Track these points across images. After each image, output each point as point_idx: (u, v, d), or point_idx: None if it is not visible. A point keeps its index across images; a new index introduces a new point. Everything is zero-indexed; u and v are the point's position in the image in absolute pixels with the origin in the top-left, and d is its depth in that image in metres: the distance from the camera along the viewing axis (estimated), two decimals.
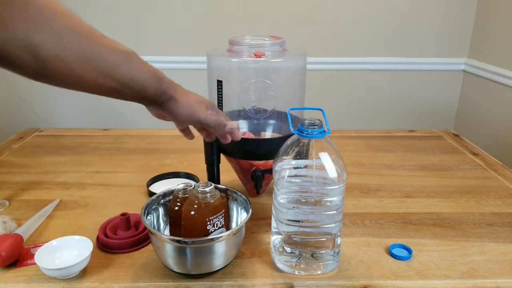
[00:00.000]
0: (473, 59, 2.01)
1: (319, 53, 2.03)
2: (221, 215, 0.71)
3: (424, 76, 2.09)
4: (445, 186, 1.06)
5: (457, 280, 0.72)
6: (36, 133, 1.40)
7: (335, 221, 0.71)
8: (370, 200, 0.99)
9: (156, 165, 1.16)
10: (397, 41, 2.03)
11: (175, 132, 1.43)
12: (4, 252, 0.71)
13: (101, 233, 0.80)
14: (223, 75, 0.85)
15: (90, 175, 1.10)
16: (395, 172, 1.14)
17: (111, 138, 1.37)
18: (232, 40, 0.88)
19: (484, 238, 0.84)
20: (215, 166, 0.91)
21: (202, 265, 0.68)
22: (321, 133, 0.68)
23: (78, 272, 0.71)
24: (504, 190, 1.04)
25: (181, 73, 2.05)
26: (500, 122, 1.80)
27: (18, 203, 0.95)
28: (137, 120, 2.13)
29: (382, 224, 0.89)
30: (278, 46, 0.88)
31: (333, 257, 0.73)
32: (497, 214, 0.93)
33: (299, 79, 0.90)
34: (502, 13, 1.80)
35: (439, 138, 1.39)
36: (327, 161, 0.68)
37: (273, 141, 0.86)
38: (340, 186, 0.69)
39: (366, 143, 1.34)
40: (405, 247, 0.80)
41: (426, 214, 0.93)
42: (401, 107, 2.14)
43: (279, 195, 0.71)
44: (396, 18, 1.99)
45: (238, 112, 0.90)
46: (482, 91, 1.94)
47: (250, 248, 0.80)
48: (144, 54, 2.19)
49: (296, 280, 0.71)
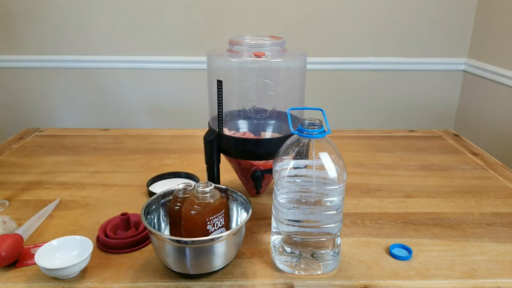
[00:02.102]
0: (473, 59, 2.01)
1: (319, 53, 2.03)
2: (221, 215, 0.71)
3: (424, 76, 2.09)
4: (445, 186, 1.06)
5: (457, 280, 0.72)
6: (36, 133, 1.40)
7: (335, 221, 0.71)
8: (370, 200, 0.99)
9: (156, 165, 1.16)
10: (397, 41, 2.03)
11: (175, 132, 1.43)
12: (4, 252, 0.71)
13: (101, 233, 0.80)
14: (223, 75, 0.85)
15: (90, 175, 1.10)
16: (395, 172, 1.14)
17: (111, 138, 1.37)
18: (232, 40, 0.88)
19: (484, 238, 0.84)
20: (215, 166, 0.91)
21: (202, 265, 0.68)
22: (321, 133, 0.68)
23: (78, 272, 0.71)
24: (504, 190, 1.04)
25: (181, 73, 2.06)
26: (500, 122, 1.80)
27: (18, 203, 0.95)
28: (137, 120, 2.13)
29: (382, 224, 0.89)
30: (278, 46, 0.88)
31: (333, 257, 0.73)
32: (497, 214, 0.93)
33: (299, 79, 0.90)
34: (502, 13, 1.80)
35: (439, 138, 1.39)
36: (327, 161, 0.68)
37: (273, 141, 0.86)
38: (340, 186, 0.69)
39: (366, 143, 1.34)
40: (405, 247, 0.80)
41: (426, 214, 0.93)
42: (401, 107, 2.14)
43: (279, 195, 0.71)
44: (396, 18, 1.99)
45: (238, 112, 0.90)
46: (482, 91, 1.94)
47: (250, 248, 0.80)
48: (144, 54, 2.20)
49: (296, 280, 0.71)
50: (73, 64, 2.03)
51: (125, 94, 2.09)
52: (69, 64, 2.03)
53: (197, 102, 2.02)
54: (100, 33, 1.98)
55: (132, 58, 2.02)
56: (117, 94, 2.09)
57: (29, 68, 2.04)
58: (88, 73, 2.05)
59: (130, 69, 2.05)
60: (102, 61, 2.03)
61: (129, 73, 2.06)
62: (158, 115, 2.12)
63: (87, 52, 2.01)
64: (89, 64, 2.03)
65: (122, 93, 2.09)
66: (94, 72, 2.05)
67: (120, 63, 2.03)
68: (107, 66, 2.04)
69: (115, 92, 2.09)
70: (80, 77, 2.06)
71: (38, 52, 2.01)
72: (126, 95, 2.09)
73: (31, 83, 2.07)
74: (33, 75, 2.05)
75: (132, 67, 2.04)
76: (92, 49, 2.01)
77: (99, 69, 2.05)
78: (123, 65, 2.03)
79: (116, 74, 2.06)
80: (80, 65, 2.03)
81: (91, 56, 2.02)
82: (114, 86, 2.08)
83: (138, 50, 2.01)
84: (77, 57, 2.02)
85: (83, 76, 2.06)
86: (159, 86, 2.08)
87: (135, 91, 2.09)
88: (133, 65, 2.03)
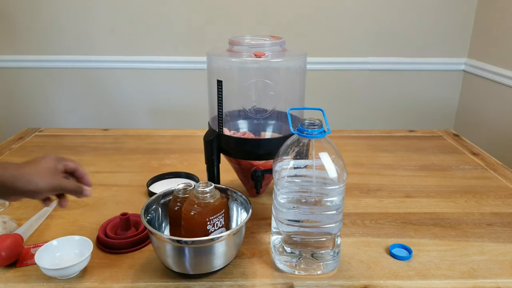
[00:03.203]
0: (473, 59, 2.01)
1: (319, 53, 2.03)
2: (221, 215, 0.71)
3: (424, 76, 2.09)
4: (445, 186, 1.06)
5: (457, 280, 0.72)
6: (36, 133, 1.39)
7: (335, 221, 0.71)
8: (370, 200, 0.99)
9: (156, 165, 1.16)
10: (397, 41, 2.03)
11: (175, 132, 1.43)
12: (4, 252, 0.71)
13: (101, 233, 0.80)
14: (223, 75, 0.85)
15: (90, 175, 1.08)
16: (395, 172, 1.14)
17: (111, 138, 1.37)
18: (232, 40, 0.88)
19: (484, 238, 0.84)
20: (215, 166, 0.91)
21: (202, 265, 0.68)
22: (321, 133, 0.68)
23: (78, 272, 0.71)
24: (504, 190, 1.04)
25: (181, 73, 2.06)
26: (500, 122, 1.80)
27: (18, 203, 0.95)
28: (137, 120, 2.13)
29: (382, 224, 0.89)
30: (278, 46, 0.88)
31: (333, 257, 0.73)
32: (497, 214, 0.93)
33: (299, 79, 0.90)
34: (502, 13, 1.80)
35: (439, 138, 1.39)
36: (327, 161, 0.68)
37: (273, 141, 0.86)
38: (340, 186, 0.69)
39: (366, 143, 1.34)
40: (405, 247, 0.80)
41: (426, 214, 0.93)
42: (401, 107, 2.14)
43: (279, 195, 0.71)
44: (396, 18, 1.99)
45: (238, 112, 0.90)
46: (482, 91, 1.94)
47: (250, 248, 0.80)
48: (144, 54, 2.19)
49: (296, 280, 0.71)
50: (73, 64, 2.03)
51: (125, 94, 2.09)
52: (69, 64, 2.03)
53: (197, 102, 2.02)
54: (100, 33, 1.98)
55: (132, 58, 2.02)
56: (117, 94, 2.09)
57: (29, 68, 2.04)
58: (88, 73, 2.05)
59: (130, 69, 2.05)
60: (102, 61, 2.03)
61: (129, 73, 2.06)
62: (158, 115, 2.12)
63: (87, 52, 2.01)
64: (89, 64, 2.03)
65: (122, 93, 2.09)
66: (94, 72, 2.05)
67: (120, 63, 2.03)
68: (107, 66, 2.04)
69: (115, 92, 2.09)
70: (80, 77, 2.06)
71: (38, 52, 2.01)
72: (126, 95, 2.09)
73: (31, 83, 2.07)
74: (33, 75, 2.05)
75: (132, 67, 2.04)
76: (92, 49, 2.00)
77: (99, 69, 2.04)
78: (123, 65, 2.03)
79: (116, 74, 2.06)
80: (80, 65, 2.03)
81: (91, 56, 2.02)
82: (114, 86, 2.08)
83: (138, 50, 2.01)
84: (77, 57, 2.01)
85: (83, 76, 2.06)
86: (159, 86, 2.08)
87: (135, 91, 2.09)
88: (133, 65, 2.03)
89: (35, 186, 0.65)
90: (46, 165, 0.67)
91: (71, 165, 0.72)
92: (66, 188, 0.69)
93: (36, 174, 0.65)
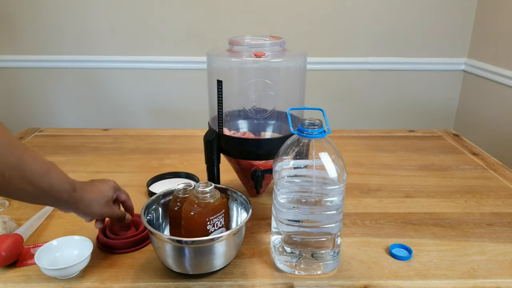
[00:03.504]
0: (473, 59, 2.01)
1: (319, 53, 2.03)
2: (221, 215, 0.71)
3: (424, 76, 2.09)
4: (445, 186, 1.06)
5: (457, 280, 0.72)
6: (36, 133, 1.39)
7: (335, 221, 0.71)
8: (370, 200, 0.99)
9: (156, 165, 1.16)
10: (397, 41, 2.03)
11: (175, 132, 1.43)
12: (4, 252, 0.71)
13: (101, 233, 0.80)
14: (223, 75, 0.85)
15: (90, 175, 1.09)
16: (395, 172, 1.14)
17: (111, 138, 1.37)
18: (232, 40, 0.88)
19: (484, 238, 0.84)
20: (215, 166, 0.91)
21: (202, 265, 0.68)
22: (321, 133, 0.68)
23: (78, 272, 0.71)
24: (504, 190, 1.04)
25: (181, 73, 2.06)
26: (500, 122, 1.80)
27: (18, 203, 0.94)
28: (137, 120, 2.13)
29: (382, 224, 0.89)
30: (278, 46, 0.88)
31: (333, 257, 0.73)
32: (497, 214, 0.93)
33: (299, 79, 0.90)
34: (502, 13, 1.80)
35: (439, 138, 1.39)
36: (327, 161, 0.68)
37: (273, 141, 0.86)
38: (340, 186, 0.69)
39: (366, 143, 1.34)
40: (405, 247, 0.80)
41: (426, 214, 0.93)
42: (401, 107, 2.14)
43: (279, 195, 0.71)
44: (396, 18, 1.99)
45: (238, 112, 0.90)
46: (482, 91, 1.94)
47: (250, 248, 0.80)
48: (144, 54, 2.19)
49: (296, 280, 0.71)
50: (73, 64, 2.03)
51: (125, 94, 2.09)
52: (69, 64, 2.03)
53: (197, 102, 2.01)
54: (100, 33, 1.98)
55: (132, 58, 2.02)
56: (117, 94, 2.09)
57: (29, 68, 2.04)
58: (88, 73, 2.05)
59: (130, 69, 2.05)
60: (102, 61, 2.03)
61: (129, 73, 2.06)
62: (158, 115, 2.12)
63: (87, 52, 2.01)
64: (89, 64, 2.03)
65: (122, 93, 2.09)
66: (94, 72, 2.05)
67: (120, 63, 2.03)
68: (107, 66, 2.04)
69: (115, 92, 2.09)
70: (80, 77, 2.06)
71: (38, 52, 2.01)
72: (126, 95, 2.09)
73: (31, 83, 2.07)
74: (33, 75, 2.05)
75: (132, 67, 2.04)
76: (92, 49, 2.00)
77: (99, 69, 2.04)
78: (123, 65, 2.03)
79: (116, 74, 2.05)
80: (80, 65, 2.03)
81: (91, 56, 2.02)
82: (114, 86, 2.08)
83: (138, 50, 2.01)
84: (77, 57, 2.01)
85: (83, 76, 2.06)
86: (159, 86, 2.08)
87: (135, 91, 2.09)
88: (133, 65, 2.03)
89: (91, 212, 0.70)
90: (106, 194, 0.72)
91: (123, 197, 0.78)
92: (114, 215, 0.75)
93: (95, 201, 0.70)
